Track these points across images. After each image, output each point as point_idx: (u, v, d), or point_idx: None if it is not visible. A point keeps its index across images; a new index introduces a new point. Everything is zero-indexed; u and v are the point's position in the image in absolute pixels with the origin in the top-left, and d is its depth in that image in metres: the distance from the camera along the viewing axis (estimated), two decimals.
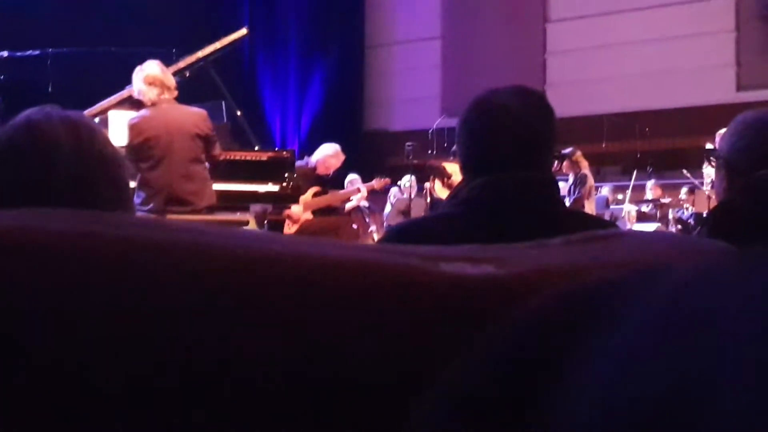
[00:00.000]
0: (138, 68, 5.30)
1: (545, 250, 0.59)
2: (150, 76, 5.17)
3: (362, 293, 0.49)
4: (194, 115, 5.22)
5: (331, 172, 7.79)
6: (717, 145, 2.92)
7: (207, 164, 5.25)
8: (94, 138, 1.64)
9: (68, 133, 1.61)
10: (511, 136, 1.81)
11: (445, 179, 8.23)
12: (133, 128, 5.13)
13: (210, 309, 0.46)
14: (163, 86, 5.15)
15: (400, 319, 0.49)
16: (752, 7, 11.39)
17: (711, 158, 2.25)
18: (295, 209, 6.80)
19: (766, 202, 1.81)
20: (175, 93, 5.21)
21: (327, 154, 7.64)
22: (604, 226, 1.94)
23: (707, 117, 10.89)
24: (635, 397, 0.35)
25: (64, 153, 1.59)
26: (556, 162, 1.99)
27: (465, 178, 1.90)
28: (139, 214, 4.78)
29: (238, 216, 5.58)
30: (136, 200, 5.04)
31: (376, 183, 8.63)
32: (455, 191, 1.98)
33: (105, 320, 0.45)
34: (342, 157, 7.75)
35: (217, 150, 5.29)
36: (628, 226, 9.98)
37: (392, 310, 0.49)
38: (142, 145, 5.06)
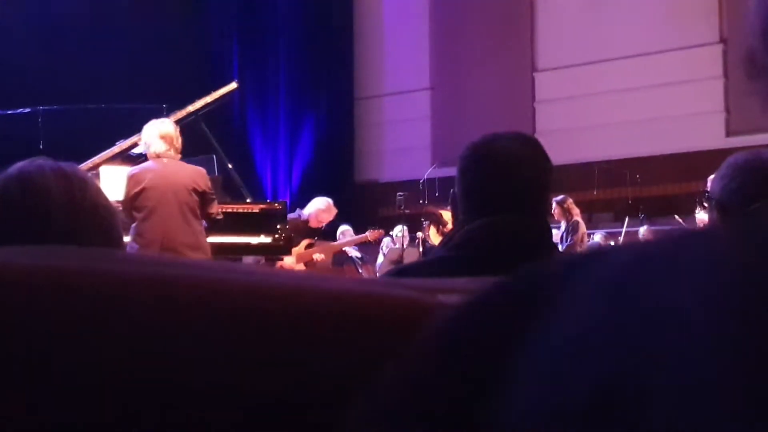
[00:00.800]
0: (153, 121, 5.43)
1: None
2: (164, 132, 5.29)
3: (364, 323, 0.48)
4: (193, 171, 5.29)
5: (323, 225, 7.80)
6: (709, 189, 2.93)
7: (203, 221, 5.27)
8: (87, 189, 1.64)
9: (60, 185, 1.61)
10: (513, 180, 1.83)
11: (441, 227, 8.24)
12: (132, 178, 5.20)
13: (208, 338, 0.46)
14: (172, 144, 5.25)
15: (400, 347, 0.48)
16: (740, 53, 11.51)
17: (704, 202, 2.27)
18: (288, 261, 6.80)
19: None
20: (179, 156, 5.29)
21: (319, 208, 7.66)
22: None
23: (698, 163, 10.94)
24: (580, 380, 0.34)
25: (57, 204, 1.59)
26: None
27: (462, 220, 1.91)
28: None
29: None
30: (130, 251, 5.03)
31: (370, 234, 8.63)
32: (450, 235, 1.98)
33: (93, 349, 0.44)
34: (334, 211, 7.77)
35: (214, 209, 5.32)
36: None
37: (393, 339, 0.48)
38: (138, 195, 5.11)
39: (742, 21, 0.55)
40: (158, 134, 5.28)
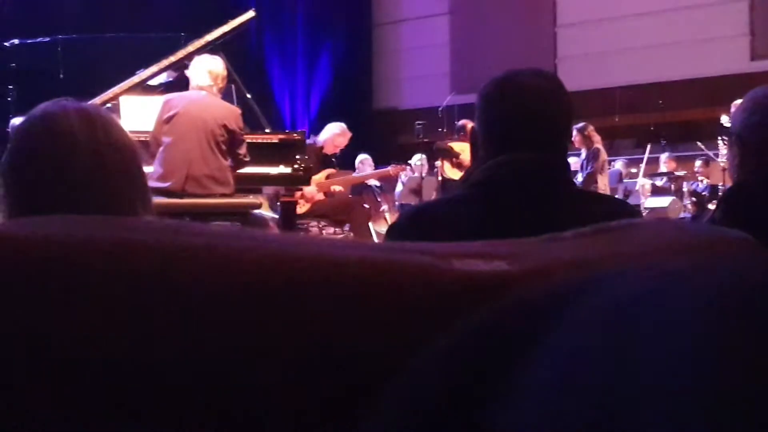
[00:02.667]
0: (205, 55, 5.56)
1: (556, 243, 0.60)
2: (212, 68, 5.38)
3: (377, 291, 0.50)
4: (227, 109, 5.37)
5: (338, 150, 7.78)
6: (731, 117, 2.91)
7: (230, 160, 5.31)
8: (110, 129, 1.66)
9: (83, 125, 1.63)
10: (534, 117, 1.83)
11: (454, 159, 8.23)
12: (166, 104, 5.27)
13: (223, 309, 0.48)
14: (216, 82, 5.32)
15: (414, 315, 0.50)
16: None
17: (723, 137, 2.26)
18: (308, 190, 6.82)
19: None
20: (219, 96, 5.33)
21: (334, 133, 7.64)
22: (615, 205, 1.95)
23: (721, 88, 10.82)
24: (571, 407, 0.35)
25: (80, 144, 1.61)
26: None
27: (481, 157, 1.91)
28: (156, 198, 4.83)
29: (251, 198, 5.60)
30: (154, 176, 5.08)
31: (392, 169, 8.61)
32: (468, 172, 2.00)
33: (120, 324, 0.46)
34: (348, 135, 7.73)
35: (242, 149, 5.35)
36: (642, 200, 9.96)
37: (407, 308, 0.50)
38: (169, 120, 5.16)
39: None
40: (206, 68, 5.36)
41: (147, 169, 5.09)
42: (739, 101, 2.32)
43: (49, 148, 1.61)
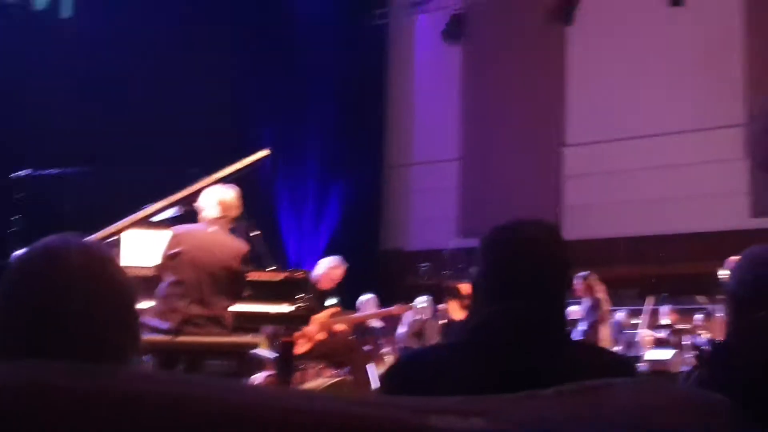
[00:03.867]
0: (220, 186, 5.45)
1: (536, 401, 0.60)
2: (223, 199, 5.31)
3: None
4: (233, 248, 5.28)
5: (335, 284, 7.66)
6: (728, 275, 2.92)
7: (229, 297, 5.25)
8: (109, 267, 1.68)
9: (83, 261, 1.65)
10: (530, 267, 1.85)
11: (461, 301, 8.23)
12: (174, 238, 5.22)
13: None
14: (227, 213, 5.25)
15: None
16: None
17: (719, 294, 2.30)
18: (309, 328, 6.73)
19: (764, 346, 1.82)
20: (231, 225, 5.30)
21: (329, 267, 7.57)
22: (609, 357, 1.93)
23: (722, 243, 10.88)
24: None
25: (77, 280, 1.63)
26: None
27: (479, 303, 1.91)
28: (153, 336, 4.80)
29: (249, 338, 5.53)
30: (153, 312, 5.04)
31: (396, 309, 8.55)
32: (467, 318, 2.00)
33: None
34: (344, 267, 7.66)
35: (243, 289, 5.31)
36: (643, 352, 9.88)
37: None
38: (174, 257, 5.11)
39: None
40: (217, 199, 5.30)
41: (147, 303, 5.10)
42: (734, 257, 2.36)
43: (46, 281, 1.63)
